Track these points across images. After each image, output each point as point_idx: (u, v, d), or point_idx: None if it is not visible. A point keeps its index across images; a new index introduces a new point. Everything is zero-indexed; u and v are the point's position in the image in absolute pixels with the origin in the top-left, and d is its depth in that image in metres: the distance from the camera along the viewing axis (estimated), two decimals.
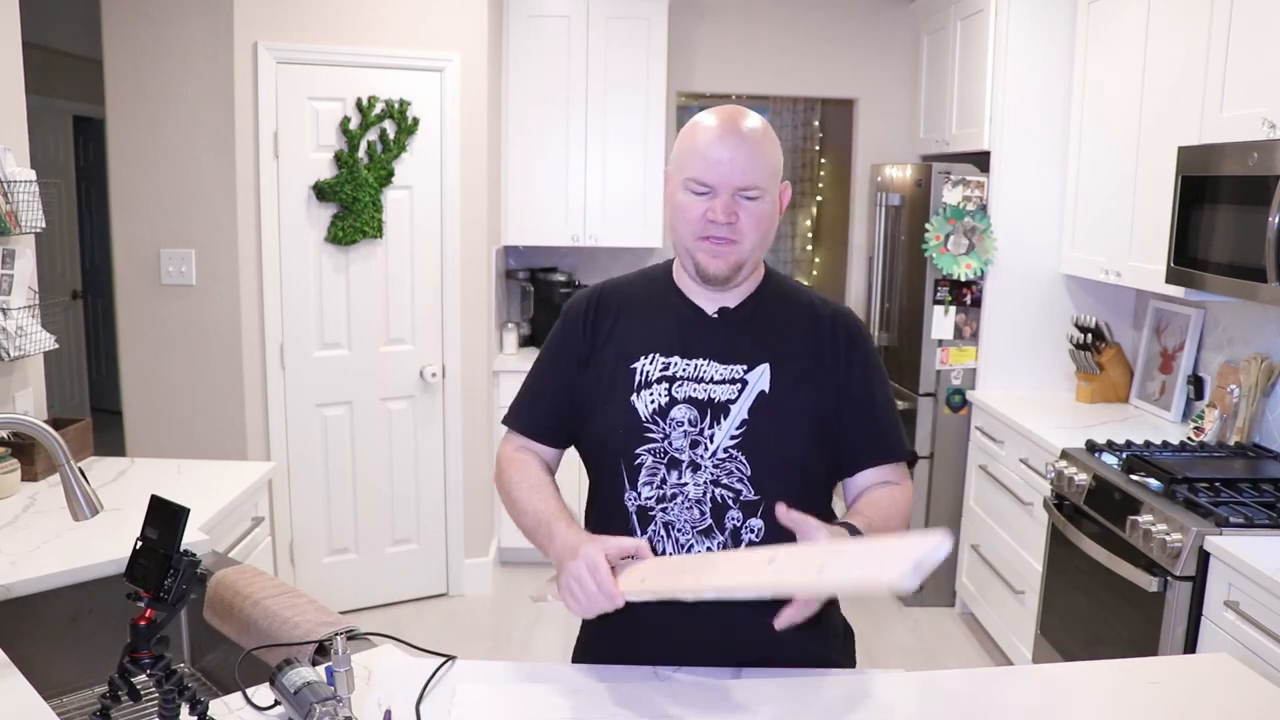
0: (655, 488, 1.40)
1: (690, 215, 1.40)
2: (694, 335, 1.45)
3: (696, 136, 1.40)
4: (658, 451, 1.40)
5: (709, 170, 1.37)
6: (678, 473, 1.40)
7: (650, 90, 4.20)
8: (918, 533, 1.12)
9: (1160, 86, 2.93)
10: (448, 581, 3.94)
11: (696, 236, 1.40)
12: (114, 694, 1.25)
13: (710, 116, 1.41)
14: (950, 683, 1.48)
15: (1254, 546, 2.10)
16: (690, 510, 1.39)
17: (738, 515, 1.40)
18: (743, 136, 1.38)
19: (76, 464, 1.55)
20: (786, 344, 1.45)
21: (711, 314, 1.46)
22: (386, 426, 3.76)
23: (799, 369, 1.43)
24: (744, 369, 1.42)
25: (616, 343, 1.47)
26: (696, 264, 1.42)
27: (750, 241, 1.39)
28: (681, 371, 1.42)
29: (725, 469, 1.39)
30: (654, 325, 1.47)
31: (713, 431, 1.40)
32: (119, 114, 3.32)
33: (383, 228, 3.60)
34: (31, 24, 2.57)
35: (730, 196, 1.37)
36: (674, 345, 1.44)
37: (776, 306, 1.49)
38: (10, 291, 2.30)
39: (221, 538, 2.15)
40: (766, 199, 1.39)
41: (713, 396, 1.41)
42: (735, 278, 1.43)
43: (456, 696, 1.35)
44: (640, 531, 1.40)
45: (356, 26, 3.49)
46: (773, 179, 1.41)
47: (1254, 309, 2.93)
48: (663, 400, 1.41)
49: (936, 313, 3.77)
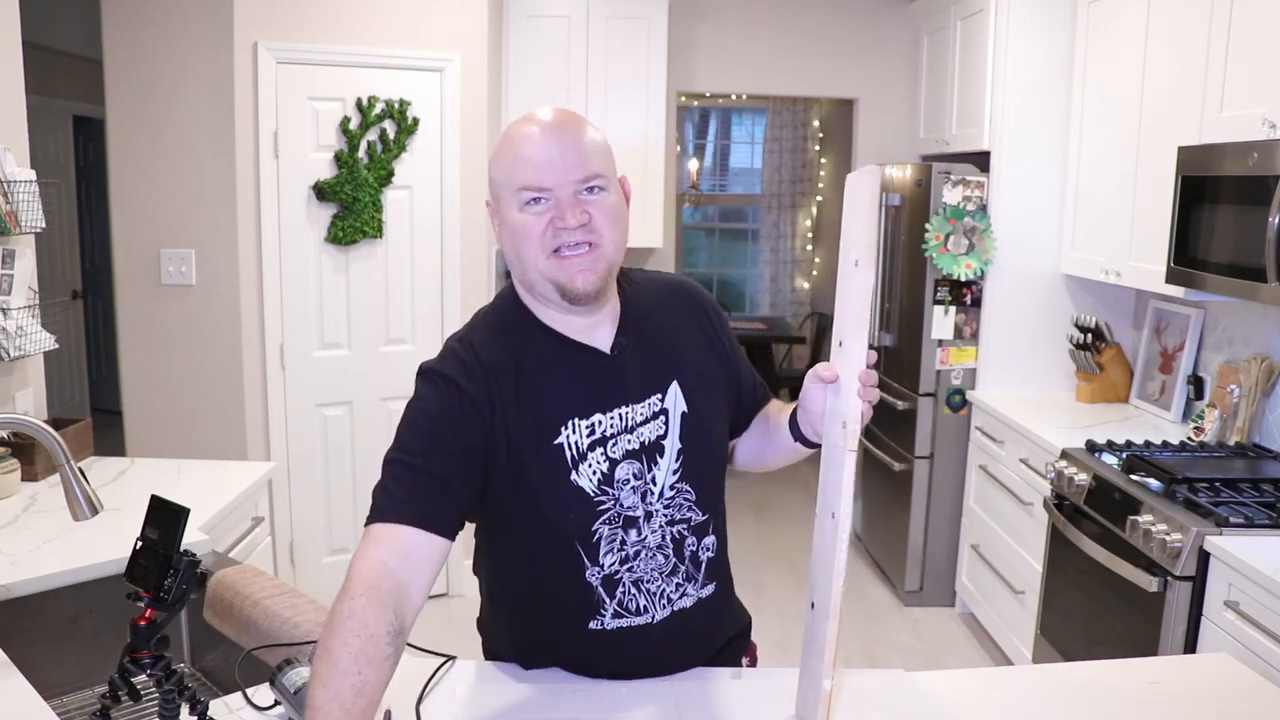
0: (617, 552, 1.31)
1: (533, 232, 1.22)
2: (603, 383, 1.30)
3: (515, 144, 1.24)
4: (612, 518, 1.30)
5: (539, 172, 1.21)
6: (635, 530, 1.31)
7: (650, 90, 4.20)
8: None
9: (1160, 86, 2.93)
10: (448, 581, 3.94)
11: (548, 253, 1.23)
12: (114, 694, 1.25)
13: (522, 121, 1.26)
14: (950, 683, 1.48)
15: (1254, 546, 2.10)
16: (654, 559, 1.33)
17: (693, 541, 1.36)
18: (570, 128, 1.24)
19: (76, 464, 1.55)
20: (677, 349, 1.37)
21: (608, 351, 1.32)
22: (386, 426, 3.75)
23: (698, 371, 1.38)
24: (659, 398, 1.33)
25: (524, 417, 1.26)
26: (560, 287, 1.24)
27: (611, 239, 1.24)
28: (609, 429, 1.29)
29: (675, 504, 1.34)
30: (556, 385, 1.29)
31: (654, 474, 1.32)
32: (119, 114, 3.32)
33: (383, 228, 3.60)
34: (31, 24, 2.57)
35: (573, 195, 1.22)
36: (590, 402, 1.29)
37: (648, 310, 1.38)
38: (10, 291, 2.30)
39: (221, 538, 2.15)
40: (612, 189, 1.26)
41: (645, 440, 1.31)
42: (607, 290, 1.28)
43: (457, 696, 1.35)
44: (609, 599, 1.31)
45: (356, 26, 3.49)
46: (611, 166, 1.27)
47: (1254, 309, 2.93)
48: (604, 468, 1.29)
49: (936, 313, 3.77)
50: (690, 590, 1.37)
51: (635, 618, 1.34)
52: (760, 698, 1.36)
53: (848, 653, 3.58)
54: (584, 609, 1.32)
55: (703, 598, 1.39)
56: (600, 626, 1.33)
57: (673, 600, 1.35)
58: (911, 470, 3.89)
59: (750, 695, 1.37)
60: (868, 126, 4.72)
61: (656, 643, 1.36)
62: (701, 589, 1.38)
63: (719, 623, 1.46)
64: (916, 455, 3.86)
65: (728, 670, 1.44)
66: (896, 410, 4.03)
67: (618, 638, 1.34)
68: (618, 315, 1.34)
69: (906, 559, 3.94)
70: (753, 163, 7.81)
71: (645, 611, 1.34)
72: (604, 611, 1.33)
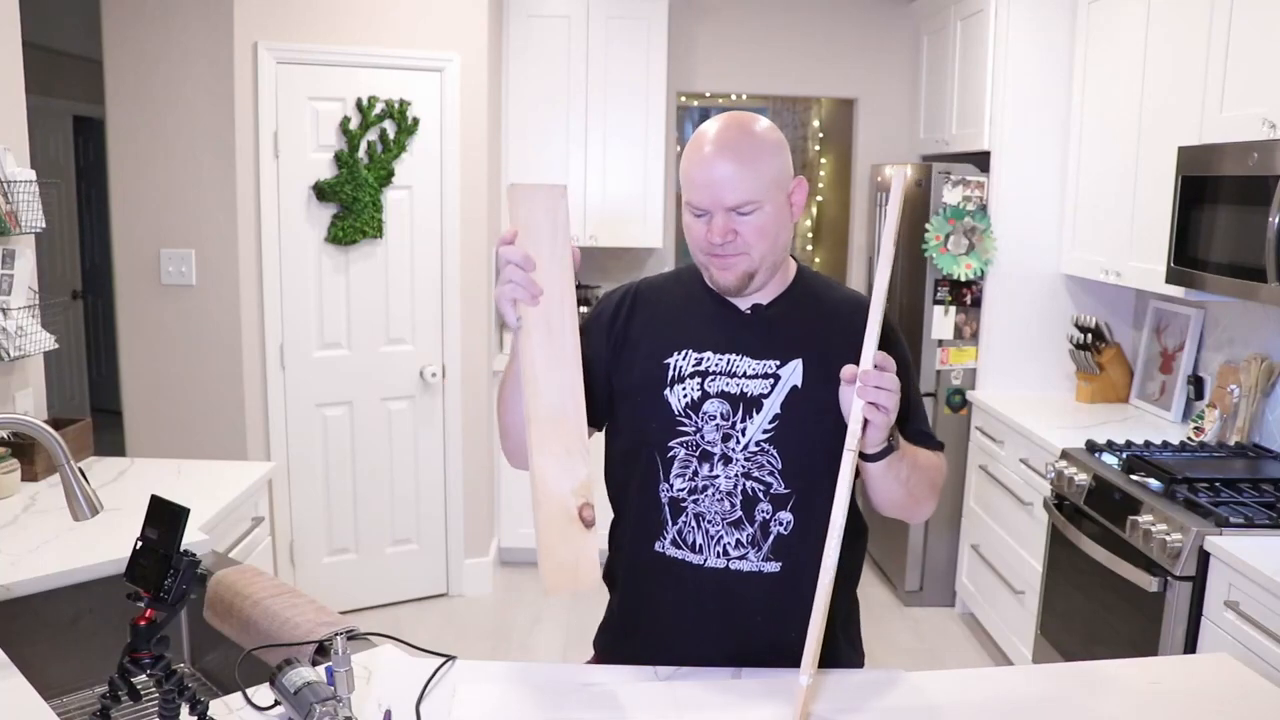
0: (687, 480, 1.42)
1: (695, 235, 1.43)
2: (727, 331, 1.46)
3: (689, 158, 1.42)
4: (690, 445, 1.43)
5: (700, 194, 1.39)
6: (709, 465, 1.42)
7: (650, 90, 4.20)
8: None
9: (1160, 86, 2.93)
10: (448, 581, 3.94)
11: (703, 253, 1.44)
12: (114, 694, 1.25)
13: (702, 134, 1.42)
14: (950, 683, 1.48)
15: (1254, 546, 2.10)
16: (721, 502, 1.42)
17: (768, 508, 1.42)
18: (731, 153, 1.38)
19: (76, 464, 1.55)
20: (819, 339, 1.45)
21: (745, 310, 1.48)
22: (386, 426, 3.76)
23: (832, 364, 1.39)
24: (777, 364, 1.43)
25: (650, 339, 1.49)
26: (710, 276, 1.46)
27: (758, 251, 1.40)
28: (714, 366, 1.44)
29: (756, 462, 1.41)
30: (687, 322, 1.49)
31: (745, 425, 1.42)
32: (119, 114, 3.32)
33: (383, 228, 3.60)
34: (31, 24, 2.57)
35: (724, 216, 1.38)
36: (707, 341, 1.45)
37: (809, 303, 1.50)
38: (10, 291, 2.30)
39: (221, 538, 2.15)
40: (766, 209, 1.39)
41: (745, 391, 1.42)
42: (749, 286, 1.44)
43: (457, 696, 1.35)
44: (672, 522, 1.43)
45: (356, 26, 3.49)
46: (771, 187, 1.39)
47: (1254, 309, 2.93)
48: (695, 395, 1.43)
49: (936, 313, 3.77)
50: (751, 556, 1.42)
51: (690, 553, 1.43)
52: (760, 698, 1.36)
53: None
54: (652, 526, 1.45)
55: (764, 571, 1.42)
56: (661, 550, 1.45)
57: (729, 553, 1.42)
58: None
59: (750, 695, 1.37)
60: (868, 126, 4.71)
61: (706, 592, 1.43)
62: (764, 561, 1.42)
63: (783, 613, 1.43)
64: None
65: (727, 670, 1.44)
66: None
67: (672, 569, 1.43)
68: (776, 294, 1.49)
69: (906, 559, 3.94)
70: None
71: (700, 551, 1.43)
72: (665, 534, 1.44)
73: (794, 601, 1.41)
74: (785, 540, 1.42)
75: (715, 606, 1.44)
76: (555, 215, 1.30)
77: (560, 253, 1.30)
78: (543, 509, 1.29)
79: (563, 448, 1.30)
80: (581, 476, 1.31)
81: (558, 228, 1.30)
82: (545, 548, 1.29)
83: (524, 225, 1.30)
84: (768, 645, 1.45)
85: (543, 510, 1.29)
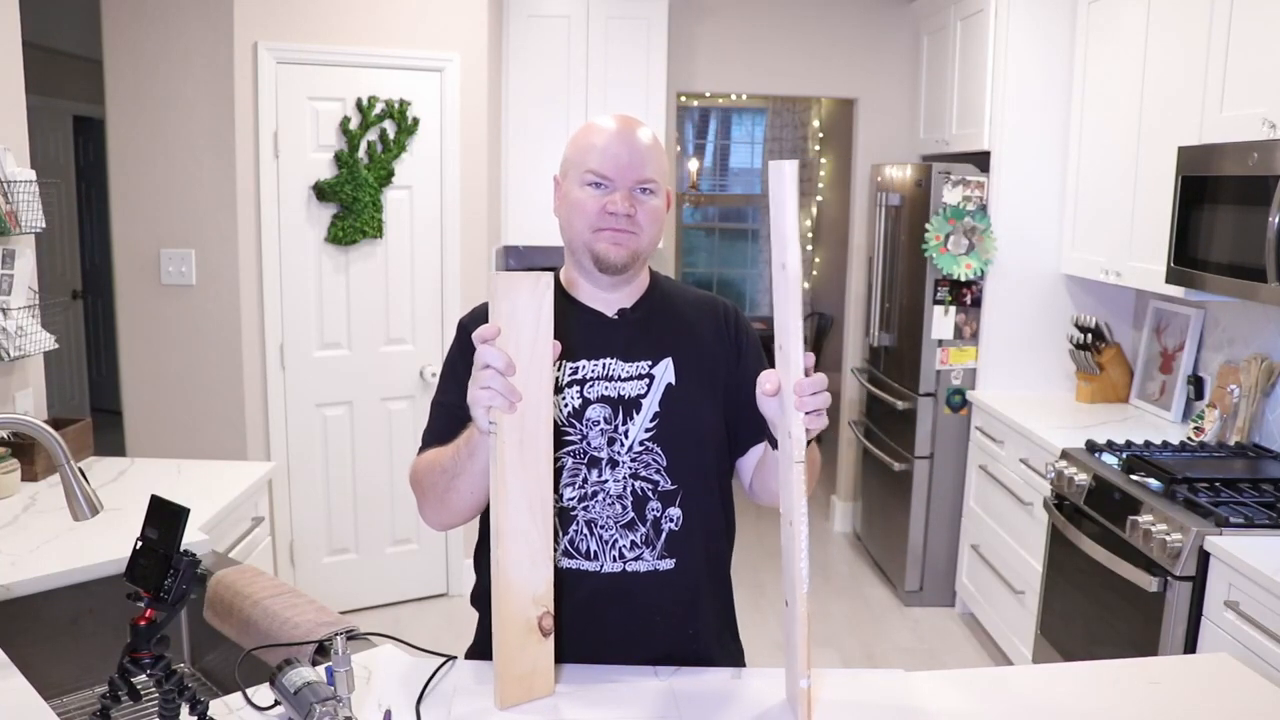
0: (577, 488, 1.43)
1: (588, 209, 1.43)
2: (596, 337, 1.47)
3: (594, 135, 1.45)
4: (577, 453, 1.43)
5: (608, 164, 1.42)
6: (598, 470, 1.43)
7: (650, 90, 4.19)
8: None
9: (1160, 86, 2.93)
10: (448, 581, 3.94)
11: (594, 229, 1.43)
12: (114, 694, 1.25)
13: (606, 119, 1.47)
14: (950, 683, 1.47)
15: (1254, 546, 2.10)
16: (612, 506, 1.43)
17: (657, 506, 1.43)
18: (640, 134, 1.45)
19: (76, 464, 1.55)
20: (685, 338, 1.50)
21: (611, 315, 1.49)
22: (386, 426, 3.76)
23: (700, 359, 1.49)
24: (649, 364, 1.46)
25: None
26: (595, 255, 1.44)
27: (648, 234, 1.44)
28: (590, 373, 1.45)
29: (643, 461, 1.43)
30: (555, 333, 1.43)
31: (627, 427, 1.44)
32: (119, 114, 3.32)
33: (383, 228, 3.60)
34: (31, 24, 2.57)
35: (629, 190, 1.42)
36: (579, 349, 1.46)
37: (669, 304, 1.54)
38: (10, 291, 2.31)
39: (221, 538, 2.15)
40: (659, 197, 1.46)
41: (623, 394, 1.45)
42: (633, 267, 1.46)
43: (457, 696, 1.35)
44: (563, 532, 1.42)
45: (356, 26, 3.49)
46: (664, 179, 1.47)
47: (1254, 309, 2.93)
48: (576, 403, 1.44)
49: (936, 313, 3.77)
50: (647, 555, 1.43)
51: (585, 561, 1.42)
52: (760, 697, 1.36)
53: (848, 652, 3.58)
54: None
55: (659, 569, 1.43)
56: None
57: (624, 555, 1.42)
58: (911, 470, 3.89)
59: (750, 695, 1.37)
60: (868, 126, 4.71)
61: (605, 599, 1.42)
62: (658, 559, 1.43)
63: (679, 609, 1.46)
64: (916, 455, 3.86)
65: (727, 670, 1.45)
66: (896, 410, 4.03)
67: (566, 579, 1.40)
68: (637, 298, 1.51)
69: (906, 559, 3.95)
70: (753, 163, 7.81)
71: (595, 558, 1.42)
72: (556, 547, 1.39)
73: (689, 597, 1.46)
74: (676, 536, 1.44)
75: (613, 611, 1.43)
76: (540, 309, 1.23)
77: (541, 352, 1.24)
78: (504, 622, 1.28)
79: (529, 559, 1.28)
80: (543, 587, 1.30)
81: (541, 323, 1.23)
82: (504, 660, 1.29)
83: (507, 320, 1.21)
84: (666, 645, 1.45)
85: (505, 624, 1.28)
